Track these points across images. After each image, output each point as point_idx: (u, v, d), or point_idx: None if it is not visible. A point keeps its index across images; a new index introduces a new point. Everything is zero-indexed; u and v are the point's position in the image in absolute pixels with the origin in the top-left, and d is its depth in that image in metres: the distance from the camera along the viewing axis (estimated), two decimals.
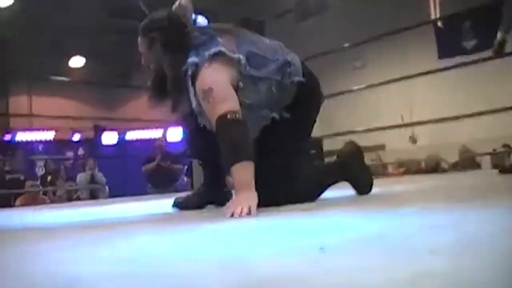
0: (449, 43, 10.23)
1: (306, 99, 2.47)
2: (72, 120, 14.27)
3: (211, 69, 2.26)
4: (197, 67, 2.29)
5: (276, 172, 2.34)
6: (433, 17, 5.74)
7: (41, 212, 4.32)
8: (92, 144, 13.85)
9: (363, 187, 2.68)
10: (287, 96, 2.41)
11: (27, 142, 14.16)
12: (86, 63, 15.66)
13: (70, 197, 8.74)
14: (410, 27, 5.60)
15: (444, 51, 10.28)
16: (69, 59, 15.46)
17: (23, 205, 6.97)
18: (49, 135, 14.48)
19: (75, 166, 10.80)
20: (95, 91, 15.44)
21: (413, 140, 11.16)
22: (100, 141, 13.96)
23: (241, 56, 2.30)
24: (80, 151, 12.30)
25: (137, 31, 2.57)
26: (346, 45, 5.98)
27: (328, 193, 2.55)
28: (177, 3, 2.81)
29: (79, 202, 6.48)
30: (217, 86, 2.20)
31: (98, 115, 14.89)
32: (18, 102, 15.45)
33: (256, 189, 2.08)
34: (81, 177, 9.29)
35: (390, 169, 9.02)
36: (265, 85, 2.35)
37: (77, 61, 15.64)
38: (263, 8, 13.53)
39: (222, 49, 2.27)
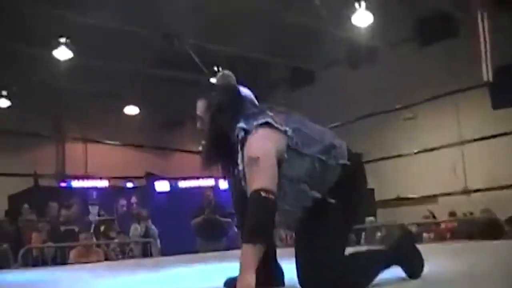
0: (502, 93, 10.08)
1: (351, 183, 2.47)
2: (125, 168, 14.69)
3: (259, 137, 2.32)
4: (246, 133, 2.37)
5: (326, 257, 2.32)
6: (485, 79, 5.70)
7: (97, 274, 4.41)
8: (145, 192, 13.98)
9: (414, 272, 2.66)
10: (330, 176, 2.41)
11: (82, 189, 14.44)
12: (139, 112, 16.06)
13: (123, 250, 8.76)
14: (462, 90, 5.58)
15: (498, 101, 10.12)
16: (123, 108, 15.89)
17: (77, 260, 7.07)
18: (103, 183, 14.78)
19: (128, 215, 10.90)
20: (148, 139, 15.80)
21: (467, 191, 10.92)
22: (153, 189, 14.11)
23: (287, 128, 2.36)
24: (133, 199, 12.41)
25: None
26: (398, 106, 5.99)
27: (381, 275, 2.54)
28: (220, 72, 2.91)
29: (133, 262, 6.53)
30: (264, 157, 2.24)
31: (150, 163, 15.24)
32: (74, 149, 15.95)
33: (307, 273, 2.21)
34: (135, 230, 9.23)
35: (443, 225, 8.83)
36: (309, 161, 2.37)
37: (131, 110, 16.05)
38: (312, 58, 13.60)
39: (270, 120, 2.35)
